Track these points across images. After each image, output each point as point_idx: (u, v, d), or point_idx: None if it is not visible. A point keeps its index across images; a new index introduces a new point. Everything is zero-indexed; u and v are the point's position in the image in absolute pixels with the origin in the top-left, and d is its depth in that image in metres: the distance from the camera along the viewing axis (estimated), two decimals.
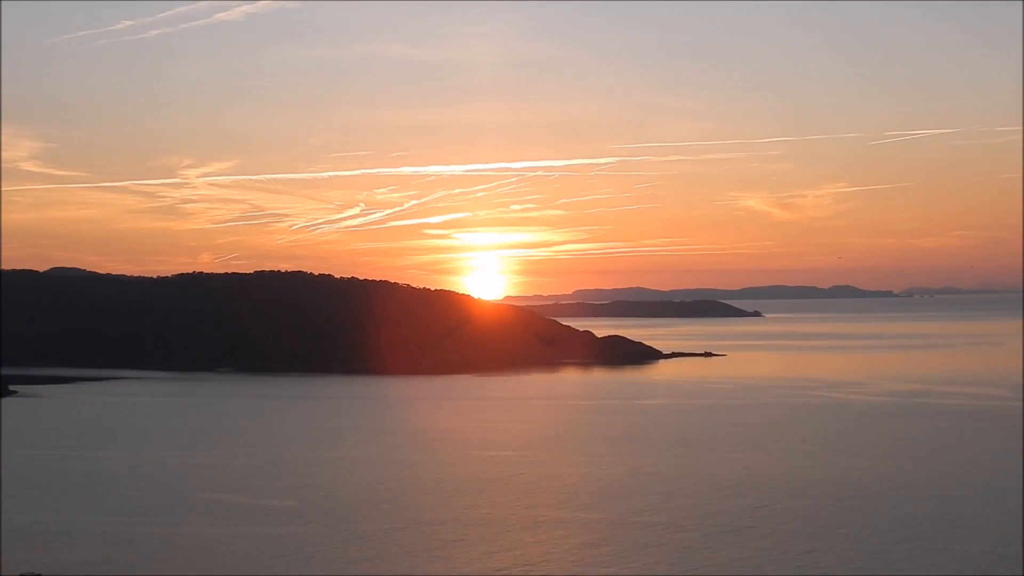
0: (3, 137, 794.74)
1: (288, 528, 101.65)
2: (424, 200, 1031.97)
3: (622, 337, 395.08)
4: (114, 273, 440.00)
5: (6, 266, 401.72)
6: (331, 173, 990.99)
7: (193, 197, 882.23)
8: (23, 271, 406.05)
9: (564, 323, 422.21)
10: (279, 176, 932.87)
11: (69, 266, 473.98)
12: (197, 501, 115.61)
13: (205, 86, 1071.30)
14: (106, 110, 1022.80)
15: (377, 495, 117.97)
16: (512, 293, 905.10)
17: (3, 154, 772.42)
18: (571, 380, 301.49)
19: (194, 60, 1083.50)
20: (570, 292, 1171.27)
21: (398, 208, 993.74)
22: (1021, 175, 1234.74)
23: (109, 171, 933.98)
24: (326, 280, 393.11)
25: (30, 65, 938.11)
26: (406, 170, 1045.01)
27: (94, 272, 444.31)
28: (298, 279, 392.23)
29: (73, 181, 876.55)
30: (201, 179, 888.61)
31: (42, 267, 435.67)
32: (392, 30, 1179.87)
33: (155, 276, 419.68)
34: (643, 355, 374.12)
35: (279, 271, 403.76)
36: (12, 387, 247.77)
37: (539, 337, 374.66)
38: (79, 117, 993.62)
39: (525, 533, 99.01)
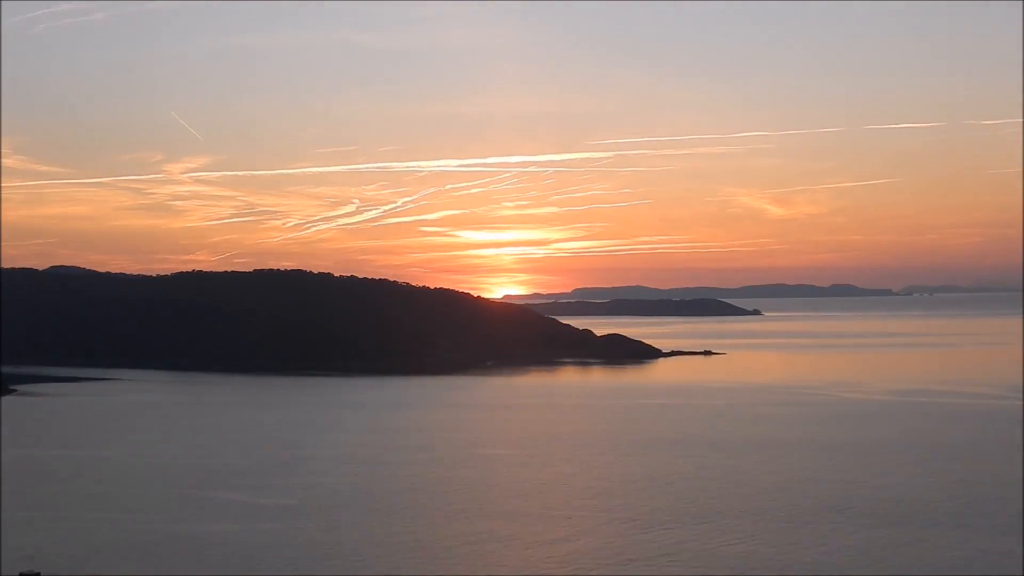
0: None
1: (288, 525, 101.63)
2: (417, 196, 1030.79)
3: (621, 335, 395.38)
4: (114, 271, 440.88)
5: (5, 264, 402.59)
6: (320, 169, 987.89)
7: (183, 194, 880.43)
8: (23, 270, 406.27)
9: (563, 321, 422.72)
10: (265, 172, 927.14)
11: (69, 264, 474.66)
12: (197, 499, 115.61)
13: (166, 74, 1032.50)
14: (68, 101, 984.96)
15: (378, 494, 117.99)
16: (511, 291, 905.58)
17: None
18: (572, 380, 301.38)
19: (148, 45, 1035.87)
20: (569, 291, 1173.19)
21: (392, 205, 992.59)
22: (1020, 171, 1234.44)
23: (91, 166, 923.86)
24: (325, 279, 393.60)
25: None
26: (398, 166, 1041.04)
27: (94, 271, 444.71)
28: (297, 278, 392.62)
29: (57, 177, 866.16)
30: (186, 175, 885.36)
31: (42, 265, 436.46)
32: (369, 16, 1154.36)
33: (155, 274, 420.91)
34: (643, 353, 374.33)
35: (278, 270, 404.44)
36: (12, 386, 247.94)
37: (539, 336, 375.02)
38: (46, 109, 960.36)
39: (535, 532, 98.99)
